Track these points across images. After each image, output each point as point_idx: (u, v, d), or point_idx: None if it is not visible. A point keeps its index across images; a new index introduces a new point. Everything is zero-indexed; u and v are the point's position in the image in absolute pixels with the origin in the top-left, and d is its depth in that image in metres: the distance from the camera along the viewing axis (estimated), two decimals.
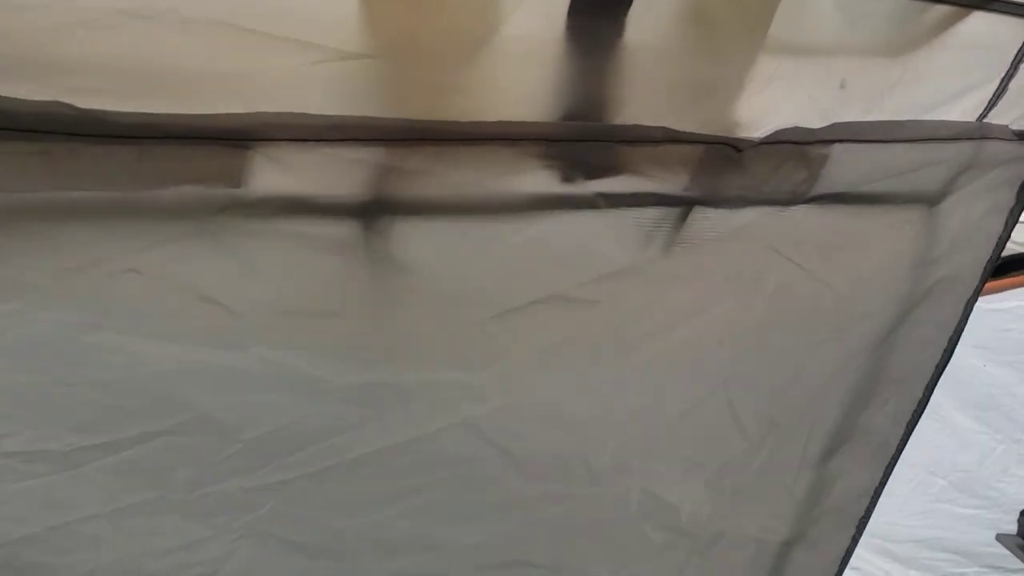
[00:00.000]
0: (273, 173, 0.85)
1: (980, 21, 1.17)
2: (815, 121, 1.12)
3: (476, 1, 0.88)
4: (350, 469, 1.04)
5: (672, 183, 1.10)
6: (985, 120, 1.28)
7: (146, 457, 0.92)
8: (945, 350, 1.53)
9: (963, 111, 1.27)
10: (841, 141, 1.17)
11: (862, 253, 1.35)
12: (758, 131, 1.08)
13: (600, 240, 1.11)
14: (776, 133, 1.09)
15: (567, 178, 1.04)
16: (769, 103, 1.08)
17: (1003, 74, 1.26)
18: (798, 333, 1.34)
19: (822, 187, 1.22)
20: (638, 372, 1.22)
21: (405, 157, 0.91)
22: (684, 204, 1.13)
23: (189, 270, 0.86)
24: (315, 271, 0.94)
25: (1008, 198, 1.31)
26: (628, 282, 1.14)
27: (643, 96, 1.01)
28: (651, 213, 1.12)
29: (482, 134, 0.94)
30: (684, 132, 1.03)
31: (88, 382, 0.87)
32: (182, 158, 0.80)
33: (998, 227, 1.34)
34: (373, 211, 0.96)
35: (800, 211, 1.25)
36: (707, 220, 1.16)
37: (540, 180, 1.02)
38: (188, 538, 0.99)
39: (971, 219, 1.39)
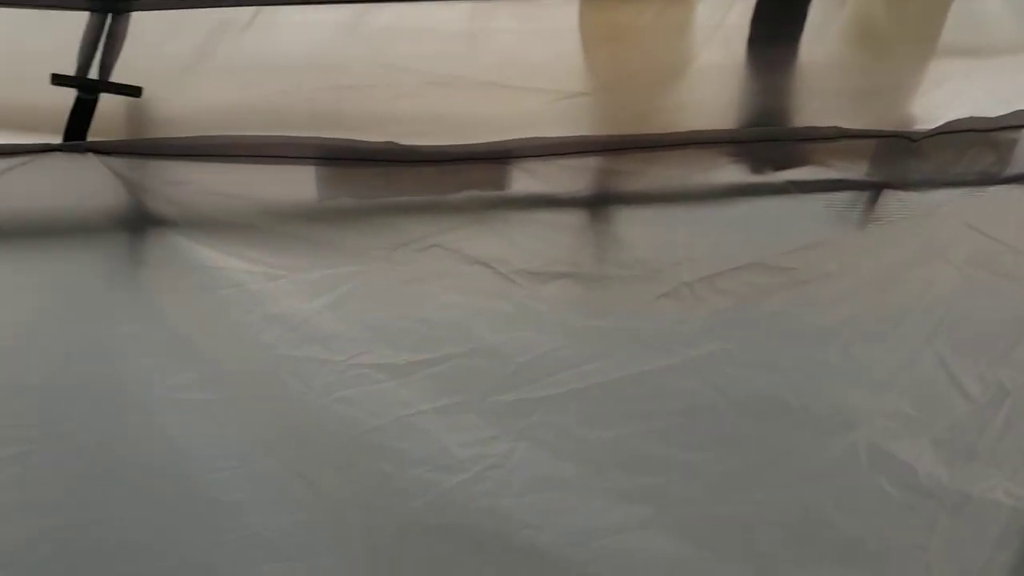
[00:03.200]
0: (526, 179, 1.14)
1: None
2: (996, 111, 1.20)
3: (672, 46, 1.15)
4: (596, 392, 1.25)
5: (855, 171, 1.23)
6: None
7: (452, 371, 1.19)
8: None
9: None
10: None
11: None
12: (935, 124, 1.20)
13: (795, 219, 1.25)
14: (949, 123, 1.19)
15: (757, 171, 1.21)
16: (944, 99, 1.21)
17: None
18: (1001, 299, 1.37)
19: (1018, 168, 1.30)
20: (837, 329, 1.32)
21: (620, 162, 1.17)
22: (872, 188, 1.25)
23: (472, 245, 1.16)
24: (556, 246, 1.20)
25: None
26: (822, 253, 1.26)
27: (817, 103, 1.19)
28: (841, 196, 1.25)
29: (678, 140, 1.16)
30: (855, 129, 1.18)
31: (414, 317, 1.17)
32: (466, 172, 1.12)
33: None
34: (598, 202, 1.20)
35: (1000, 191, 1.31)
36: (898, 201, 1.26)
37: (733, 173, 1.21)
38: (483, 434, 1.23)
39: None
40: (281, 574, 1.20)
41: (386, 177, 1.16)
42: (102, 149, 1.10)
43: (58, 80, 1.03)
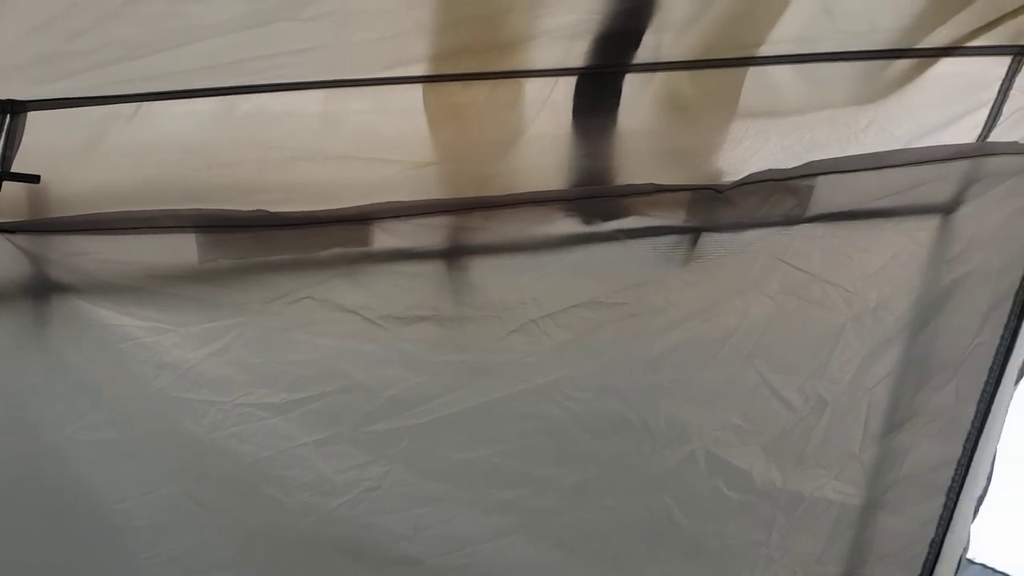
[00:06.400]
0: (386, 237, 1.29)
1: (949, 64, 1.30)
2: (791, 163, 1.37)
3: (505, 120, 1.29)
4: (458, 418, 1.40)
5: (674, 218, 1.39)
6: (988, 140, 1.37)
7: (327, 407, 1.33)
8: (1002, 336, 1.71)
9: (956, 135, 1.37)
10: (817, 175, 1.44)
11: (869, 257, 1.62)
12: (739, 176, 1.36)
13: (625, 262, 1.41)
14: (751, 176, 1.36)
15: (588, 222, 1.36)
16: (746, 155, 1.39)
17: (992, 102, 1.36)
18: (812, 323, 1.55)
19: (817, 210, 1.48)
20: (667, 353, 1.48)
21: (468, 220, 1.32)
22: (691, 232, 1.41)
23: (340, 295, 1.31)
24: (416, 293, 1.34)
25: None
26: (650, 289, 1.43)
27: (636, 163, 1.35)
28: (664, 240, 1.41)
29: (516, 200, 1.33)
30: (668, 184, 1.35)
31: (290, 361, 1.30)
32: (332, 233, 1.27)
33: None
34: (451, 254, 1.34)
35: (803, 229, 1.55)
36: (715, 242, 1.43)
37: (568, 225, 1.36)
38: (358, 461, 1.37)
39: (992, 222, 1.57)
40: None
41: (259, 240, 1.31)
42: (8, 228, 1.27)
43: None
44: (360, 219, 1.33)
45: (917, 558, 1.90)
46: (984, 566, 4.39)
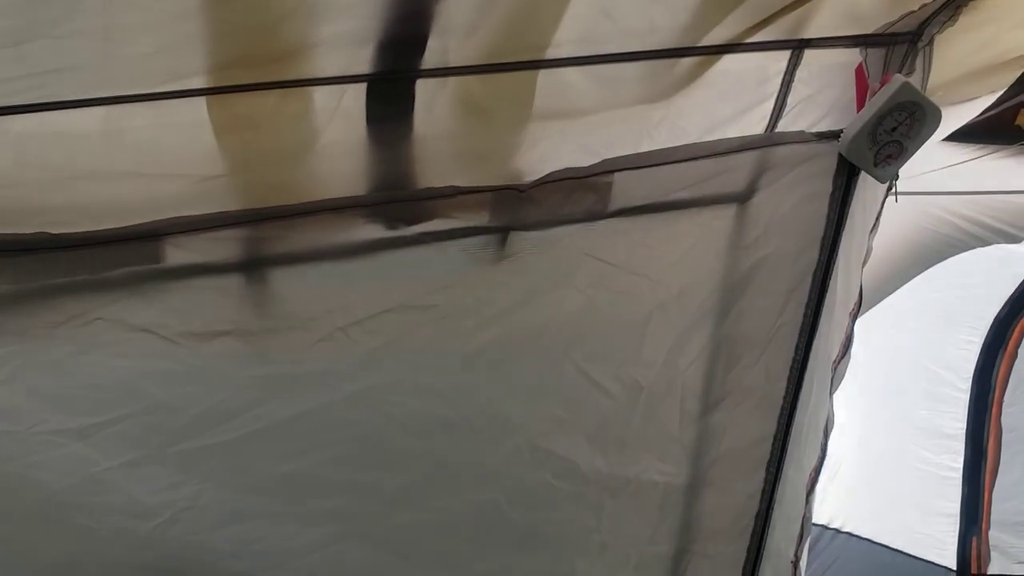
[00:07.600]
0: (178, 252, 1.24)
1: (732, 59, 1.35)
2: (588, 161, 1.36)
3: (295, 128, 1.24)
4: (267, 432, 1.34)
5: (478, 219, 1.38)
6: (775, 130, 1.41)
7: (130, 429, 1.26)
8: (804, 315, 1.79)
9: (745, 128, 1.41)
10: (615, 171, 1.53)
11: (671, 247, 1.68)
12: (539, 175, 1.35)
13: (433, 264, 1.37)
14: (550, 175, 1.35)
15: (391, 227, 1.32)
16: (544, 155, 1.36)
17: (776, 94, 1.41)
18: (622, 312, 1.64)
19: (619, 204, 1.57)
20: (483, 352, 1.44)
21: (265, 230, 1.27)
22: (499, 231, 1.38)
23: (133, 315, 1.25)
24: (214, 308, 1.28)
25: (825, 185, 1.52)
26: (461, 290, 1.39)
27: (436, 167, 1.32)
28: (472, 241, 1.37)
29: (314, 208, 1.29)
30: (468, 187, 1.31)
31: (87, 385, 1.24)
32: (119, 252, 1.21)
33: (823, 209, 1.53)
34: (249, 266, 1.29)
35: (608, 224, 1.59)
36: (525, 240, 1.40)
37: (372, 231, 1.32)
38: (169, 481, 1.31)
39: (785, 208, 1.69)
40: None
41: (42, 263, 1.27)
42: None
43: None
44: (148, 236, 1.29)
45: (746, 531, 1.96)
46: (851, 534, 4.62)
